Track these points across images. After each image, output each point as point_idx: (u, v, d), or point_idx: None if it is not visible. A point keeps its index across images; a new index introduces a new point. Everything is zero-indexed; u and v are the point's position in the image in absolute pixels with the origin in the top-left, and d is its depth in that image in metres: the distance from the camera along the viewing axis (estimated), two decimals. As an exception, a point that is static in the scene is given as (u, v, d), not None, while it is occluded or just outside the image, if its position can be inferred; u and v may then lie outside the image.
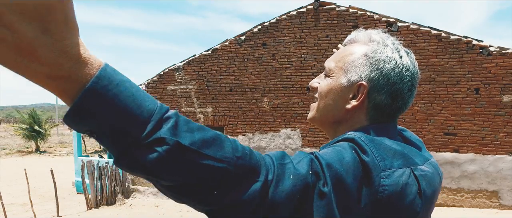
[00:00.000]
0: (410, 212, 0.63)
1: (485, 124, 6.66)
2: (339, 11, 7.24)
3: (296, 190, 0.54)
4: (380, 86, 0.69)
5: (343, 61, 0.73)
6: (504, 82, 6.46)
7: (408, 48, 0.75)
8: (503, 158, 6.64)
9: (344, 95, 0.72)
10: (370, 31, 0.76)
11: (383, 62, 0.69)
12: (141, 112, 0.45)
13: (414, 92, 0.74)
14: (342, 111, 0.73)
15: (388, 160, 0.62)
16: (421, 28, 6.83)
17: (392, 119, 0.74)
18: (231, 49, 8.20)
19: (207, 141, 0.49)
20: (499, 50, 6.44)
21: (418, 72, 0.74)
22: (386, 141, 0.66)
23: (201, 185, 0.49)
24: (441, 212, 6.85)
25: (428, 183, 0.66)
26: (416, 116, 7.07)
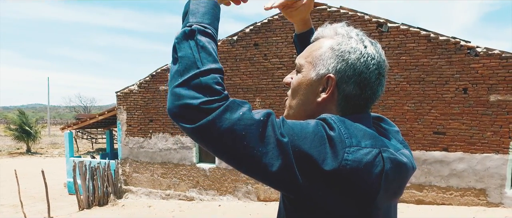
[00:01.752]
0: (369, 189, 0.64)
1: (473, 123, 6.77)
2: (330, 11, 7.28)
3: (240, 125, 0.60)
4: (348, 76, 0.71)
5: (312, 56, 0.76)
6: (491, 82, 6.57)
7: (373, 39, 0.77)
8: (490, 156, 6.76)
9: (314, 89, 0.74)
10: (335, 25, 0.78)
11: (348, 53, 0.71)
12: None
13: (383, 82, 0.76)
14: (313, 104, 0.75)
15: (355, 138, 0.64)
16: (410, 29, 6.90)
17: (363, 110, 0.75)
18: (223, 50, 8.20)
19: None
20: (485, 51, 6.55)
21: (384, 61, 0.75)
22: (359, 124, 0.69)
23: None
24: (431, 210, 6.95)
25: (395, 166, 0.68)
26: (406, 115, 7.16)
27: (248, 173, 0.65)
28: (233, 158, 0.63)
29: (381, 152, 0.66)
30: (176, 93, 0.63)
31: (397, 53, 7.03)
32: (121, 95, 9.48)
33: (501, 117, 6.59)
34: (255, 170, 0.63)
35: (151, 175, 9.42)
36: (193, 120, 0.61)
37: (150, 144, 9.29)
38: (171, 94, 0.64)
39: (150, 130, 9.22)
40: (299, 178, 0.62)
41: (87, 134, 24.51)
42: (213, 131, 0.60)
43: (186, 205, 8.64)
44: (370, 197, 0.65)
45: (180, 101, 0.62)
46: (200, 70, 0.63)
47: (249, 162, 0.62)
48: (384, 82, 0.76)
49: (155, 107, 9.10)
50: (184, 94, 0.62)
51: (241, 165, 0.63)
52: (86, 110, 47.30)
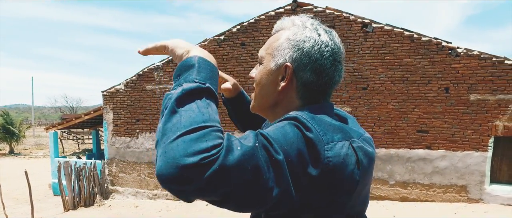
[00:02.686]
0: (351, 180, 0.67)
1: (455, 121, 6.95)
2: (316, 12, 7.36)
3: (245, 159, 0.56)
4: (304, 64, 0.75)
5: (271, 48, 0.79)
6: (471, 82, 6.76)
7: (329, 28, 0.79)
8: (470, 154, 6.95)
9: (274, 78, 0.78)
10: (293, 17, 0.81)
11: (303, 42, 0.75)
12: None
13: (339, 67, 0.78)
14: (275, 93, 0.78)
15: (329, 134, 0.66)
16: (394, 29, 7.03)
17: (323, 97, 0.79)
18: (210, 49, 8.19)
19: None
20: (466, 51, 6.74)
21: (340, 48, 0.78)
22: (325, 117, 0.71)
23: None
24: (415, 207, 7.09)
25: (365, 154, 0.71)
26: (390, 114, 7.29)
27: (250, 208, 0.62)
28: (243, 199, 0.58)
29: (351, 143, 0.69)
30: (170, 150, 0.56)
31: (382, 53, 7.16)
32: (108, 95, 9.38)
33: (481, 116, 6.79)
34: (255, 202, 0.59)
35: (138, 175, 9.35)
36: (193, 179, 0.54)
37: (137, 143, 9.22)
38: (163, 154, 0.56)
39: (136, 129, 9.15)
40: (293, 192, 0.61)
41: (73, 135, 24.08)
42: (222, 180, 0.55)
43: (173, 205, 8.61)
44: (353, 188, 0.68)
45: (174, 161, 0.54)
46: (205, 124, 0.58)
47: (255, 195, 0.58)
48: (340, 68, 0.79)
49: (142, 107, 9.03)
50: (181, 151, 0.55)
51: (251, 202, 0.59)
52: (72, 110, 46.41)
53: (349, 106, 7.47)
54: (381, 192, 7.50)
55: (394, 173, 7.40)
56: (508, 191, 6.85)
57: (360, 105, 7.41)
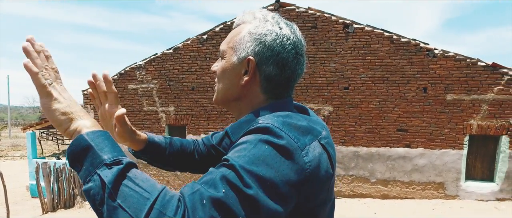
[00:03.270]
0: (327, 177, 0.69)
1: (432, 120, 7.15)
2: (299, 12, 7.43)
3: (213, 212, 0.54)
4: (266, 58, 0.74)
5: (233, 42, 0.78)
6: (447, 82, 6.99)
7: (291, 22, 0.79)
8: (447, 152, 7.17)
9: (237, 72, 0.77)
10: (254, 11, 0.81)
11: (265, 36, 0.74)
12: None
13: (301, 60, 0.78)
14: (238, 87, 0.78)
15: (302, 139, 0.66)
16: (375, 30, 7.18)
17: (286, 91, 0.79)
18: (193, 48, 8.16)
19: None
20: (442, 52, 6.95)
21: (301, 41, 0.78)
22: (293, 118, 0.69)
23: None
24: (395, 204, 7.24)
25: (331, 147, 0.73)
26: (371, 113, 7.43)
27: None
28: None
29: (319, 141, 0.70)
30: None
31: (363, 53, 7.30)
32: (88, 94, 9.17)
33: (457, 115, 7.02)
34: None
35: (120, 175, 9.20)
36: None
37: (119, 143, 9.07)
38: None
39: (118, 129, 8.99)
40: (280, 211, 0.60)
41: (52, 135, 23.44)
42: None
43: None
44: (329, 182, 0.70)
45: None
46: (151, 200, 0.54)
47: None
48: (303, 61, 0.79)
49: (124, 107, 8.89)
50: None
51: None
52: (52, 110, 44.97)
53: (331, 105, 7.58)
54: (362, 190, 7.64)
55: (375, 171, 7.55)
56: (481, 187, 7.11)
57: (342, 105, 7.52)
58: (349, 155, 7.61)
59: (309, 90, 7.64)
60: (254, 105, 0.78)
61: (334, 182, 0.79)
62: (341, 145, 7.60)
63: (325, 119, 7.62)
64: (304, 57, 0.80)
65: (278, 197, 0.59)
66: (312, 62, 7.55)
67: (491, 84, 6.79)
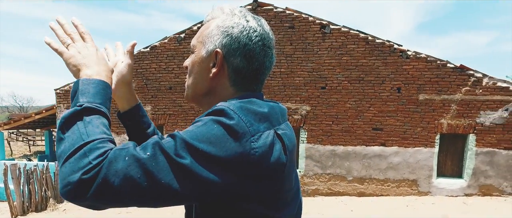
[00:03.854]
0: (278, 165, 0.69)
1: (406, 119, 7.37)
2: (277, 12, 7.48)
3: (131, 169, 0.59)
4: (234, 50, 0.75)
5: (202, 36, 0.80)
6: (420, 82, 7.22)
7: (258, 16, 0.81)
8: (420, 150, 7.41)
9: (206, 66, 0.78)
10: (222, 5, 0.82)
11: (232, 28, 0.76)
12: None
13: (269, 53, 0.79)
14: (207, 80, 0.78)
15: (255, 125, 0.67)
16: (351, 31, 7.32)
17: (255, 84, 0.80)
18: (171, 47, 8.05)
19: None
20: (414, 54, 7.18)
21: (268, 33, 0.79)
22: (254, 104, 0.71)
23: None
24: (371, 201, 7.41)
25: (289, 139, 0.74)
26: (348, 113, 7.57)
27: (166, 205, 0.64)
28: (143, 202, 0.62)
29: (276, 131, 0.71)
30: (62, 173, 0.60)
31: (339, 54, 7.42)
32: (61, 93, 8.88)
33: (428, 114, 7.27)
34: (170, 201, 0.62)
35: (95, 177, 8.96)
36: (84, 193, 0.58)
37: (93, 144, 8.83)
38: (59, 178, 0.61)
39: (93, 129, 8.76)
40: (212, 187, 0.63)
41: (23, 136, 22.51)
42: (109, 191, 0.58)
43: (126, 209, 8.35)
44: (282, 174, 0.70)
45: (65, 181, 0.59)
46: (84, 141, 0.61)
47: (159, 197, 0.61)
48: (271, 54, 0.80)
49: (99, 106, 8.66)
50: (68, 171, 0.59)
51: (155, 203, 0.62)
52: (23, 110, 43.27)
53: (308, 105, 7.67)
54: (339, 188, 7.78)
55: (351, 169, 7.70)
56: (451, 183, 7.40)
57: (319, 104, 7.63)
58: (326, 154, 7.73)
59: (286, 90, 7.70)
60: (223, 99, 0.77)
61: (294, 180, 0.79)
62: (319, 144, 7.70)
63: (303, 118, 7.71)
64: (272, 50, 0.81)
65: (216, 173, 0.62)
66: (290, 62, 7.61)
67: (459, 85, 7.07)
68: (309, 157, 7.78)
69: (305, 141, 7.74)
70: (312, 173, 7.81)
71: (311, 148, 7.75)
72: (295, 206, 0.80)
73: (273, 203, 0.71)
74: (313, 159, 7.78)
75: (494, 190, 7.23)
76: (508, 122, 6.99)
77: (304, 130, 7.72)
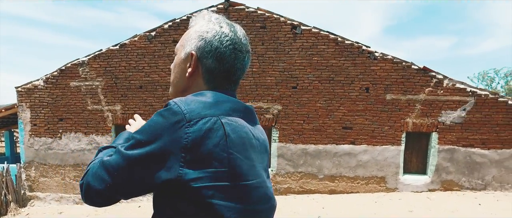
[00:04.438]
0: (218, 150, 0.74)
1: (374, 118, 7.60)
2: (248, 12, 7.48)
3: (100, 171, 0.78)
4: (206, 52, 0.85)
5: (183, 40, 0.91)
6: (387, 83, 7.47)
7: (235, 24, 0.91)
8: (388, 148, 7.67)
9: (184, 66, 0.88)
10: (204, 13, 0.93)
11: (206, 33, 0.86)
12: None
13: (239, 56, 0.87)
14: (185, 79, 0.88)
15: (196, 111, 0.74)
16: (321, 32, 7.45)
17: (227, 83, 0.88)
18: (141, 45, 7.87)
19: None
20: (382, 55, 7.42)
21: (240, 39, 0.87)
22: (203, 95, 0.80)
23: None
24: (342, 199, 7.59)
25: (234, 130, 0.77)
26: (318, 112, 7.71)
27: (135, 195, 0.78)
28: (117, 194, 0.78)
29: (219, 119, 0.76)
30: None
31: (310, 54, 7.54)
32: (23, 91, 8.47)
33: (395, 114, 7.54)
34: (131, 190, 0.77)
35: (62, 178, 8.63)
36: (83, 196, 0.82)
37: (60, 144, 8.49)
38: None
39: (59, 129, 8.42)
40: (161, 174, 0.73)
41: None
42: (92, 191, 0.78)
43: (102, 208, 8.11)
44: (223, 158, 0.74)
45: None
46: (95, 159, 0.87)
47: (123, 189, 0.77)
48: (241, 57, 0.88)
49: (66, 105, 8.33)
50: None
51: (124, 194, 0.78)
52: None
53: (280, 104, 7.74)
54: (311, 186, 7.91)
55: (322, 167, 7.85)
56: (417, 180, 7.71)
57: (290, 104, 7.72)
58: (298, 153, 7.84)
59: (258, 89, 7.74)
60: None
61: (254, 174, 0.81)
62: (290, 143, 7.80)
63: (275, 117, 7.78)
64: (244, 54, 0.88)
65: (156, 159, 0.72)
66: (262, 62, 7.65)
67: (423, 86, 7.38)
68: (281, 155, 7.86)
69: (277, 140, 7.82)
70: (284, 171, 7.89)
71: (283, 146, 7.83)
72: (254, 201, 0.81)
73: (218, 190, 0.74)
74: (285, 157, 7.87)
75: (454, 185, 7.61)
76: (466, 121, 7.38)
77: (276, 129, 7.80)
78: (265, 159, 0.92)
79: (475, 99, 7.33)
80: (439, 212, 6.24)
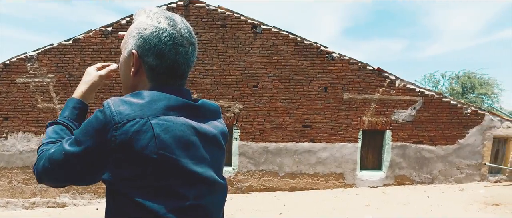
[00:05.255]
0: (148, 152, 0.73)
1: (332, 117, 7.85)
2: (209, 10, 7.44)
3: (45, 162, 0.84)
4: (146, 50, 0.83)
5: (126, 38, 0.89)
6: (344, 83, 7.75)
7: (176, 16, 0.86)
8: (345, 145, 7.95)
9: (128, 65, 0.87)
10: (144, 8, 0.89)
11: (144, 30, 0.83)
12: None
13: (181, 51, 0.84)
14: (130, 78, 0.87)
15: (124, 113, 0.74)
16: (281, 32, 7.58)
17: (172, 79, 0.86)
18: (96, 41, 7.55)
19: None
20: (339, 56, 7.69)
21: (181, 33, 0.84)
22: (136, 96, 0.79)
23: None
24: (303, 195, 7.76)
25: (166, 130, 0.76)
26: (279, 110, 7.83)
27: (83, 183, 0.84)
28: (66, 180, 0.84)
29: (149, 120, 0.74)
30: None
31: (270, 53, 7.64)
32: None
33: (352, 112, 7.83)
34: (76, 180, 0.83)
35: (8, 182, 8.06)
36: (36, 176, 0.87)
37: (6, 145, 7.92)
38: None
39: (5, 129, 7.86)
40: (98, 169, 0.77)
41: None
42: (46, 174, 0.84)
43: (56, 212, 7.67)
44: (152, 159, 0.73)
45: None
46: (42, 142, 0.92)
47: (70, 177, 0.83)
48: (184, 51, 0.84)
49: (12, 103, 7.78)
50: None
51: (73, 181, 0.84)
52: None
53: (241, 103, 7.77)
54: (272, 183, 8.01)
55: (283, 165, 7.98)
56: (372, 175, 8.07)
57: (251, 102, 7.77)
58: (259, 151, 7.90)
59: (219, 88, 7.71)
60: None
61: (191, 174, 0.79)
62: (251, 141, 7.85)
63: (236, 116, 7.79)
64: (187, 48, 0.85)
65: (89, 156, 0.77)
66: (222, 60, 7.64)
67: (377, 86, 7.74)
68: (242, 154, 7.89)
69: (238, 139, 7.84)
70: (246, 170, 7.93)
71: (244, 145, 7.87)
72: (194, 197, 0.80)
73: (149, 189, 0.75)
74: (246, 156, 7.90)
75: (406, 179, 8.05)
76: (415, 119, 7.84)
77: (237, 127, 7.81)
78: (216, 153, 0.89)
79: (423, 99, 7.80)
80: (393, 205, 6.57)
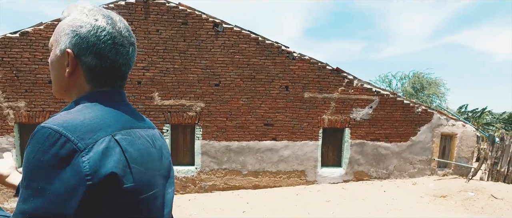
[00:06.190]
0: (120, 166, 0.70)
1: (294, 115, 7.99)
2: (169, 7, 7.30)
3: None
4: (84, 49, 0.77)
5: (56, 34, 0.81)
6: (305, 82, 7.92)
7: (114, 14, 0.81)
8: (306, 143, 8.13)
9: (61, 64, 0.79)
10: (76, 4, 0.83)
11: (80, 27, 0.77)
12: None
13: (122, 50, 0.80)
14: (65, 79, 0.80)
15: (87, 138, 0.67)
16: (242, 31, 7.60)
17: (113, 80, 0.81)
18: (48, 35, 7.16)
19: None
20: (299, 56, 7.85)
21: (120, 32, 0.80)
22: (86, 115, 0.71)
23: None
24: (266, 193, 7.82)
25: (130, 144, 0.74)
26: (241, 109, 7.85)
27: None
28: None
29: (113, 137, 0.71)
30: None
31: (232, 52, 7.64)
32: None
33: (312, 111, 8.02)
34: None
35: (-51, 187, 7.44)
36: None
37: None
38: None
39: None
40: (73, 203, 0.64)
41: None
42: None
43: None
44: (126, 175, 0.70)
45: None
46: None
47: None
48: (124, 52, 0.81)
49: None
50: None
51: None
52: None
53: (203, 102, 7.71)
54: (235, 182, 8.01)
55: (246, 163, 8.01)
56: (333, 172, 8.31)
57: (213, 101, 7.73)
58: (221, 150, 7.88)
59: (180, 87, 7.60)
60: (82, 95, 0.80)
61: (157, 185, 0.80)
62: (214, 140, 7.81)
63: (198, 115, 7.72)
64: (127, 47, 0.81)
65: (58, 201, 0.63)
66: (183, 59, 7.53)
67: (336, 85, 7.99)
68: (205, 153, 7.83)
69: (200, 138, 7.77)
70: (209, 169, 7.88)
71: (206, 144, 7.81)
72: (155, 211, 0.81)
73: (123, 206, 0.71)
74: (209, 155, 7.85)
75: (364, 175, 8.37)
76: (372, 117, 8.18)
77: (199, 126, 7.74)
78: (165, 164, 0.88)
79: (379, 98, 8.16)
80: (352, 200, 6.80)
